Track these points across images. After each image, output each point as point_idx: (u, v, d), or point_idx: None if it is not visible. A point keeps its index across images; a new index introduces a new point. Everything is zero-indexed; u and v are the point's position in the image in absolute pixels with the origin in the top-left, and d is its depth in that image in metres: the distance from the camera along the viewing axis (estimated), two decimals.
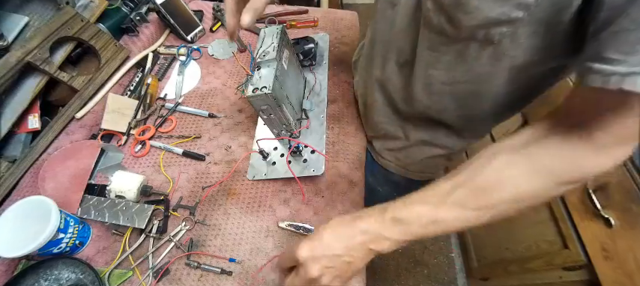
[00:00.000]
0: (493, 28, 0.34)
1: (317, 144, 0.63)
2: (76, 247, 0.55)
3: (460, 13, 0.35)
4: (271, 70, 0.53)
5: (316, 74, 0.75)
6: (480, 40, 0.36)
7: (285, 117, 0.57)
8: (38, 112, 0.69)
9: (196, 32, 0.89)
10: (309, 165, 0.61)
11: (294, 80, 0.64)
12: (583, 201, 0.77)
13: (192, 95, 0.78)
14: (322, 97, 0.71)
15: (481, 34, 0.36)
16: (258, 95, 0.51)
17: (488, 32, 0.35)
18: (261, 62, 0.54)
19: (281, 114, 0.56)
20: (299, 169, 0.60)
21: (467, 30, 0.36)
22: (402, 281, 1.40)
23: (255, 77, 0.53)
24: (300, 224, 0.56)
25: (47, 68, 0.67)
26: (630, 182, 0.68)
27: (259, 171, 0.63)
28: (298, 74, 0.68)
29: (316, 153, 0.61)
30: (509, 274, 1.05)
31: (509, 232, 1.08)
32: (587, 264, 0.76)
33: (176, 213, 0.59)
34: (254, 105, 0.53)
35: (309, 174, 0.60)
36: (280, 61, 0.55)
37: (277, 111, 0.55)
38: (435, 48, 0.42)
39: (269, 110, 0.54)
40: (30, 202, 0.52)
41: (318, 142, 0.64)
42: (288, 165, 0.61)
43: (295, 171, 0.60)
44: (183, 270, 0.54)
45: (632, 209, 0.67)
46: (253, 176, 0.62)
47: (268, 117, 0.56)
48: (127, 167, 0.66)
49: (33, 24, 0.70)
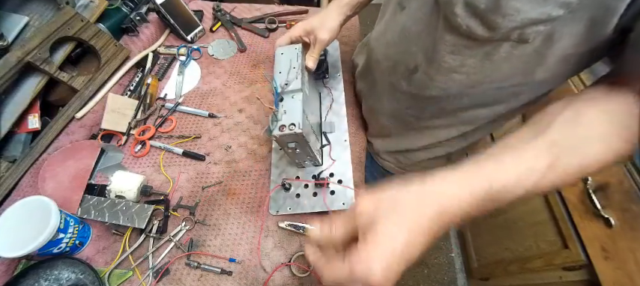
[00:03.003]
0: (530, 28, 0.33)
1: (343, 172, 0.57)
2: (76, 247, 0.55)
3: (497, 16, 0.33)
4: (297, 103, 0.48)
5: (332, 89, 0.68)
6: (513, 40, 0.35)
7: (311, 149, 0.52)
8: (38, 112, 0.69)
9: (196, 32, 0.89)
10: (337, 197, 0.55)
11: (313, 103, 0.59)
12: (583, 201, 0.77)
13: (192, 95, 0.78)
14: (342, 115, 0.64)
15: (516, 35, 0.34)
16: (287, 134, 0.45)
17: (524, 32, 0.34)
18: (284, 92, 0.49)
19: (307, 147, 0.51)
20: (326, 203, 0.55)
21: (502, 32, 0.34)
22: (402, 281, 1.40)
23: (280, 111, 0.47)
24: (299, 225, 0.56)
25: (47, 68, 0.67)
26: (630, 182, 0.68)
27: (283, 205, 0.57)
28: (314, 93, 0.63)
29: (343, 182, 0.56)
30: (509, 274, 1.05)
31: (509, 232, 1.08)
32: (587, 264, 0.76)
33: (176, 213, 0.59)
34: (281, 144, 0.49)
35: (339, 208, 0.54)
36: (304, 90, 0.50)
37: (304, 145, 0.50)
38: (458, 52, 0.40)
39: (296, 146, 0.50)
40: (30, 202, 0.52)
41: (344, 170, 0.57)
42: (325, 200, 0.55)
43: (321, 204, 0.55)
44: (183, 270, 0.54)
45: (632, 209, 0.67)
46: (277, 211, 0.57)
47: (293, 151, 0.51)
48: (127, 167, 0.66)
49: (33, 24, 0.70)
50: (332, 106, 0.66)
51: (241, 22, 0.92)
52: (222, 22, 0.93)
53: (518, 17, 0.32)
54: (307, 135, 0.48)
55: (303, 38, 0.56)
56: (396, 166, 0.67)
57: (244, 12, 0.96)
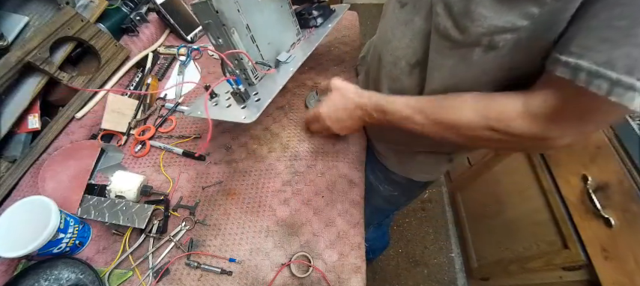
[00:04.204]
0: (498, 35, 0.35)
1: (267, 92, 0.53)
2: (76, 247, 0.55)
3: (467, 21, 0.36)
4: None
5: (310, 35, 0.67)
6: (484, 46, 0.37)
7: (235, 48, 0.50)
8: (38, 112, 0.69)
9: (196, 32, 0.89)
10: (244, 111, 0.52)
11: (273, 23, 0.57)
12: (583, 201, 0.77)
13: (192, 95, 0.78)
14: (305, 52, 0.61)
15: (485, 40, 0.36)
16: (200, 3, 0.44)
17: (493, 39, 0.36)
18: None
19: (230, 41, 0.49)
20: (230, 113, 0.53)
21: (472, 36, 0.37)
22: (402, 281, 1.40)
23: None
24: None
25: (47, 68, 0.67)
26: (630, 182, 0.68)
27: (197, 108, 0.57)
28: (287, 24, 0.62)
29: (260, 101, 0.52)
30: (509, 274, 1.05)
31: (509, 232, 1.08)
32: (587, 264, 0.76)
33: (176, 213, 0.59)
34: (198, 17, 0.48)
35: (233, 120, 0.51)
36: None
37: (225, 35, 0.48)
38: (440, 51, 0.43)
39: (215, 30, 0.48)
40: (30, 202, 0.52)
41: (270, 90, 0.54)
42: (206, 103, 0.53)
43: (226, 114, 0.52)
44: (183, 270, 0.54)
45: (632, 209, 0.67)
46: (190, 112, 0.57)
47: (217, 43, 0.50)
48: (127, 167, 0.66)
49: (33, 24, 0.70)
50: (301, 43, 0.65)
51: None
52: None
53: (485, 23, 0.35)
54: (226, 20, 0.47)
55: None
56: (400, 165, 0.67)
57: None
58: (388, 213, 0.98)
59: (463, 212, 1.43)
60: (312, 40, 0.65)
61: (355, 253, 0.55)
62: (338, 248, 0.55)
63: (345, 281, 0.52)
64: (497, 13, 0.34)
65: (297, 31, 0.65)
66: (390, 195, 0.75)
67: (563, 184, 0.84)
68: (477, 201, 1.33)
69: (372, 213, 0.65)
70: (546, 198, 0.90)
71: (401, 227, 1.55)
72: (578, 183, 0.78)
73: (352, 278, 0.52)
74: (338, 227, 0.57)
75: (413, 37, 0.47)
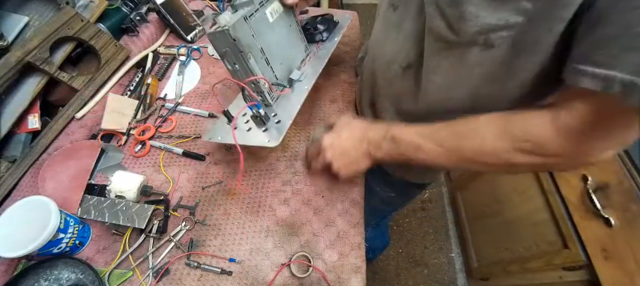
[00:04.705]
0: (493, 33, 0.35)
1: (287, 114, 0.53)
2: (76, 247, 0.55)
3: (460, 21, 0.36)
4: (243, 11, 0.47)
5: (319, 49, 0.67)
6: (480, 45, 0.37)
7: (253, 73, 0.50)
8: (38, 112, 0.69)
9: (196, 32, 0.89)
10: (266, 134, 0.52)
11: (284, 43, 0.58)
12: (583, 201, 0.77)
13: (192, 95, 0.78)
14: (316, 69, 0.61)
15: (481, 39, 0.36)
16: (217, 32, 0.45)
17: (488, 37, 0.35)
18: (239, 4, 0.48)
19: (247, 67, 0.49)
20: (253, 138, 0.53)
21: (467, 36, 0.36)
22: (402, 281, 1.40)
23: (223, 16, 0.47)
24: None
25: (47, 68, 0.67)
26: (630, 182, 0.68)
27: (216, 133, 0.57)
28: (296, 42, 0.62)
29: (281, 123, 0.53)
30: (509, 274, 1.05)
31: (509, 232, 1.08)
32: (587, 264, 0.76)
33: (176, 213, 0.59)
34: (215, 46, 0.48)
35: (259, 144, 0.50)
36: (260, 8, 0.49)
37: (242, 61, 0.48)
38: (436, 53, 0.42)
39: (232, 58, 0.48)
40: (30, 202, 0.52)
41: (289, 112, 0.54)
42: (234, 129, 0.53)
43: (249, 139, 0.52)
44: (183, 270, 0.54)
45: (632, 209, 0.67)
46: (209, 137, 0.56)
47: (233, 68, 0.50)
48: (127, 167, 0.66)
49: (33, 24, 0.70)
50: (310, 60, 0.64)
51: None
52: None
53: (477, 22, 0.34)
54: (245, 48, 0.47)
55: None
56: (397, 167, 0.67)
57: None
58: (386, 213, 0.98)
59: (463, 212, 1.43)
60: (321, 55, 0.65)
61: (355, 253, 0.55)
62: (338, 248, 0.55)
63: (345, 281, 0.52)
64: (488, 10, 0.33)
65: (306, 46, 0.65)
66: (387, 196, 0.75)
67: (563, 184, 0.84)
68: (477, 201, 1.33)
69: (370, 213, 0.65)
70: (546, 198, 0.90)
71: (401, 227, 1.55)
72: (578, 183, 0.78)
73: (352, 278, 0.52)
74: (338, 227, 0.57)
75: (405, 40, 0.47)
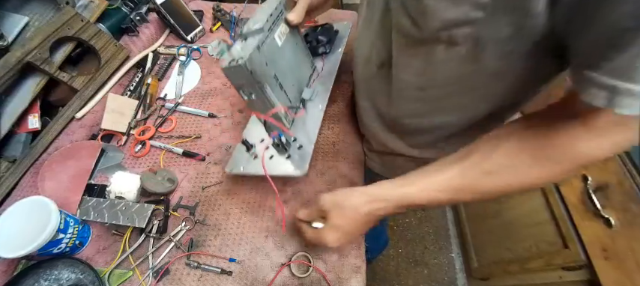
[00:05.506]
0: (454, 30, 0.34)
1: (307, 138, 0.53)
2: (76, 247, 0.55)
3: (422, 17, 0.35)
4: (255, 41, 0.46)
5: (325, 62, 0.66)
6: (444, 42, 0.36)
7: (270, 102, 0.49)
8: (38, 112, 0.69)
9: (196, 32, 0.89)
10: (291, 162, 0.52)
11: (293, 63, 0.57)
12: (583, 201, 0.77)
13: (192, 95, 0.78)
14: (327, 86, 0.60)
15: (444, 36, 0.35)
16: (233, 67, 0.44)
17: (451, 34, 0.34)
18: (248, 32, 0.48)
19: (264, 96, 0.48)
20: (279, 166, 0.52)
21: (429, 32, 0.35)
22: (402, 281, 1.40)
23: (235, 47, 0.47)
24: None
25: (47, 68, 0.67)
26: (630, 182, 0.68)
27: (238, 164, 0.55)
28: (303, 60, 0.61)
29: (304, 148, 0.52)
30: (509, 274, 1.05)
31: (509, 232, 1.08)
32: (587, 264, 0.76)
33: (176, 213, 0.59)
34: (230, 79, 0.47)
35: (287, 174, 0.50)
36: (270, 34, 0.49)
37: (258, 91, 0.47)
38: (403, 50, 0.41)
39: (248, 89, 0.47)
40: (30, 202, 0.52)
41: (308, 136, 0.53)
42: (263, 161, 0.51)
43: (274, 168, 0.51)
44: (183, 270, 0.54)
45: (632, 209, 0.67)
46: (231, 169, 0.55)
47: (250, 98, 0.49)
48: (127, 167, 0.66)
49: (33, 24, 0.70)
50: (319, 76, 0.63)
51: (241, 22, 0.92)
52: (222, 22, 0.93)
53: (438, 17, 0.33)
54: (261, 78, 0.46)
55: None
56: (381, 166, 0.67)
57: (244, 12, 0.96)
58: None
59: (463, 212, 1.43)
60: (328, 70, 0.64)
61: (355, 253, 0.55)
62: (338, 248, 0.55)
63: (345, 281, 0.52)
64: (447, 4, 0.32)
65: (311, 62, 0.64)
66: None
67: (563, 184, 0.84)
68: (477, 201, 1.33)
69: None
70: (546, 198, 0.90)
71: (401, 227, 1.55)
72: (578, 183, 0.78)
73: (352, 278, 0.52)
74: None
75: (376, 37, 0.46)
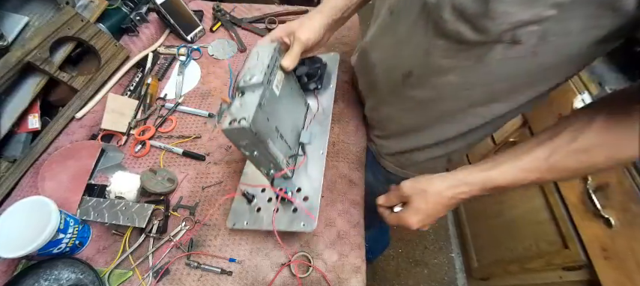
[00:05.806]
0: (521, 29, 0.33)
1: (312, 188, 0.51)
2: (76, 247, 0.55)
3: (487, 20, 0.34)
4: (255, 97, 0.43)
5: (320, 100, 0.62)
6: (505, 42, 0.35)
7: (273, 155, 0.47)
8: (38, 112, 0.69)
9: (196, 32, 0.89)
10: (298, 216, 0.49)
11: (290, 108, 0.54)
12: (583, 201, 0.77)
13: (192, 95, 0.78)
14: (325, 127, 0.58)
15: (508, 36, 0.35)
16: (235, 128, 0.41)
17: (516, 33, 0.34)
18: (245, 86, 0.45)
19: (267, 152, 0.45)
20: (286, 221, 0.49)
21: (493, 34, 0.35)
22: (402, 281, 1.40)
23: (234, 105, 0.43)
24: None
25: (47, 68, 0.67)
26: (630, 182, 0.68)
27: (240, 218, 0.53)
28: (297, 101, 0.58)
29: (310, 200, 0.50)
30: (509, 274, 1.05)
31: (510, 232, 1.08)
32: (587, 264, 0.76)
33: (176, 213, 0.59)
34: (231, 140, 0.44)
35: (297, 230, 0.48)
36: (269, 86, 0.46)
37: (261, 148, 0.44)
38: (452, 55, 0.41)
39: (251, 146, 0.44)
40: (30, 202, 0.52)
41: (313, 185, 0.51)
42: (274, 215, 0.50)
43: (282, 222, 0.49)
44: (183, 270, 0.54)
45: (632, 209, 0.67)
46: (234, 224, 0.53)
47: (252, 155, 0.46)
48: (127, 167, 0.66)
49: (33, 24, 0.70)
50: (315, 117, 0.61)
51: (241, 22, 0.92)
52: (222, 22, 0.93)
53: (508, 20, 0.33)
54: (263, 136, 0.44)
55: (283, 38, 0.54)
56: (396, 166, 0.67)
57: (244, 12, 0.96)
58: None
59: (463, 212, 1.43)
60: (322, 109, 0.61)
61: (355, 253, 0.55)
62: (338, 248, 0.55)
63: (345, 281, 0.52)
64: (521, 6, 0.32)
65: (305, 101, 0.61)
66: None
67: (563, 184, 0.84)
68: (477, 200, 1.33)
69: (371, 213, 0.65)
70: (546, 198, 0.90)
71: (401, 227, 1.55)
72: (578, 183, 0.78)
73: (352, 278, 0.52)
74: (338, 227, 0.57)
75: (402, 47, 0.46)
